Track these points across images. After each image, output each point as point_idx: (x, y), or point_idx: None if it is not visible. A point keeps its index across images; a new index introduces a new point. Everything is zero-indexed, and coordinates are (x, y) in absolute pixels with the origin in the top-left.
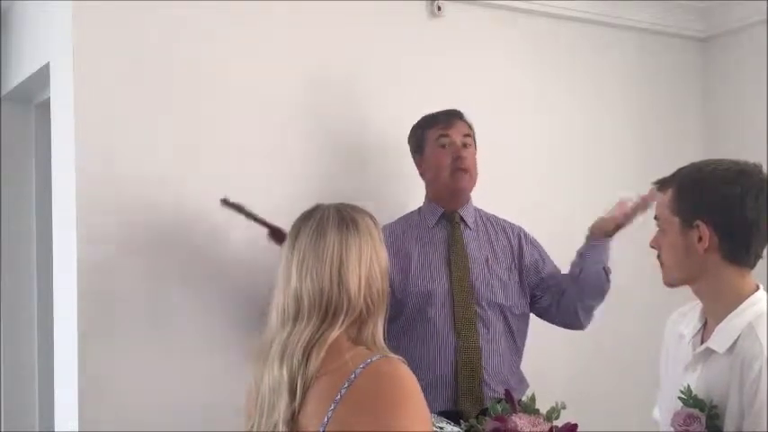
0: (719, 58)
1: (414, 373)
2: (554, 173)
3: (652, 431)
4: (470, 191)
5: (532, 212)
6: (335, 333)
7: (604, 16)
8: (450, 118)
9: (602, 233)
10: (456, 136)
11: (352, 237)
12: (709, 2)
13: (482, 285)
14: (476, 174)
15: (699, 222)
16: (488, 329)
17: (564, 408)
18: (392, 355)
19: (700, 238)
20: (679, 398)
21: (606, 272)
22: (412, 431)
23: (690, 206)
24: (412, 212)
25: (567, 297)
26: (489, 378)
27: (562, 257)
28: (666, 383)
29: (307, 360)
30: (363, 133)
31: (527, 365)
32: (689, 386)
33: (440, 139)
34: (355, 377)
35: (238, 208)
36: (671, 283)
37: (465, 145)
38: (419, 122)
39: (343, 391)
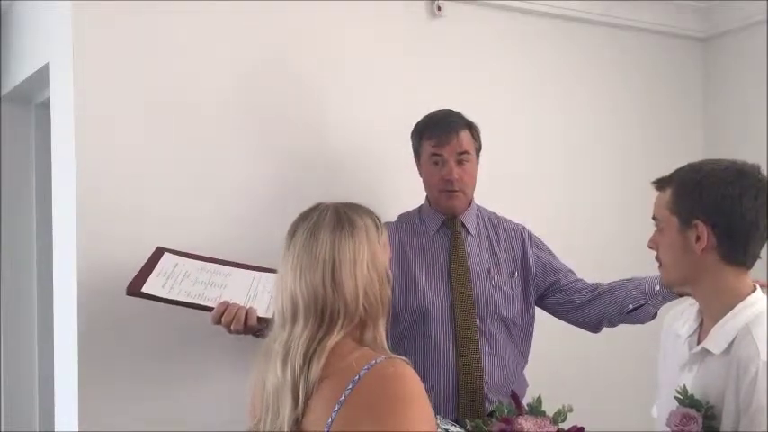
0: (719, 58)
1: None
2: (554, 173)
3: (651, 430)
4: (463, 208)
5: (532, 212)
6: (335, 338)
7: (605, 16)
8: (446, 134)
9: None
10: (449, 155)
11: (346, 238)
12: (709, 2)
13: (484, 298)
14: (471, 189)
15: (697, 222)
16: (491, 343)
17: (571, 410)
18: (396, 356)
19: (698, 238)
20: (675, 397)
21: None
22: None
23: (688, 206)
24: (412, 212)
25: (595, 308)
26: (491, 393)
27: (561, 256)
28: (664, 382)
29: (309, 366)
30: (363, 134)
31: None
32: (685, 386)
33: (432, 157)
34: (359, 378)
35: (154, 298)
36: (669, 283)
37: (460, 162)
38: (419, 126)
39: (347, 392)
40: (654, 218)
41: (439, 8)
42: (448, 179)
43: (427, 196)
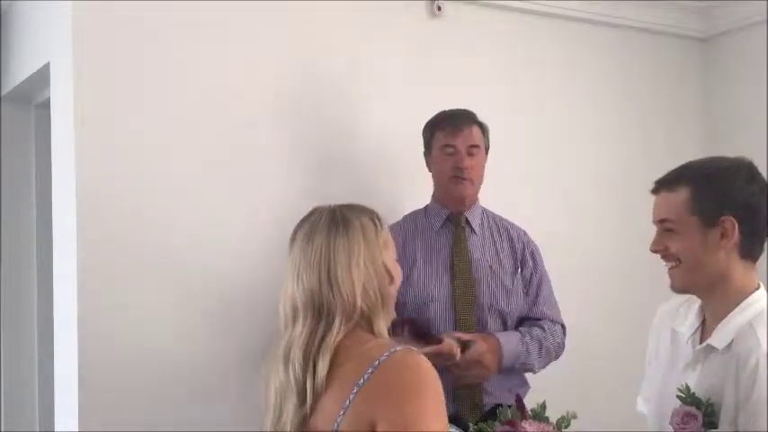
0: (719, 58)
1: None
2: (554, 173)
3: (640, 427)
4: (472, 198)
5: (533, 213)
6: (337, 336)
7: (604, 16)
8: (457, 125)
9: None
10: (461, 145)
11: (341, 239)
12: (709, 2)
13: (485, 292)
14: (480, 181)
15: (725, 218)
16: None
17: (575, 417)
18: (411, 347)
19: (722, 235)
20: (677, 396)
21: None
22: (431, 425)
23: (714, 203)
24: (418, 211)
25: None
26: (489, 386)
27: (561, 259)
28: (655, 376)
29: (314, 365)
30: (362, 133)
31: None
32: (687, 385)
33: (445, 148)
34: (379, 364)
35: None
36: (689, 287)
37: (471, 154)
38: (431, 120)
39: (366, 375)
40: (663, 220)
41: (439, 8)
42: (459, 166)
43: (433, 194)
